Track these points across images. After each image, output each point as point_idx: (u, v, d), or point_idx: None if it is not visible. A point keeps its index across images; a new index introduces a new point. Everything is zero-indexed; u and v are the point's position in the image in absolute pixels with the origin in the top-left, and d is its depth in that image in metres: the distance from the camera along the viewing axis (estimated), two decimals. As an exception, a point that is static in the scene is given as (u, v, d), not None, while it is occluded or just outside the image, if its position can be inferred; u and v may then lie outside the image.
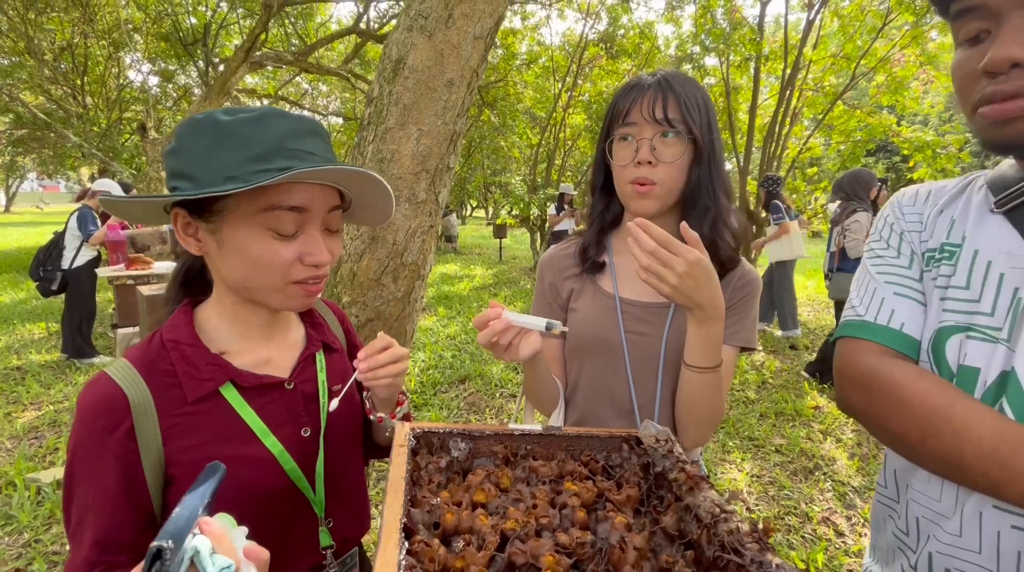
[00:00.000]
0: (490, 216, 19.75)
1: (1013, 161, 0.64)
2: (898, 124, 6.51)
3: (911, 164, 6.08)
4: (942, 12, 0.61)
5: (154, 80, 12.05)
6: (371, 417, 0.82)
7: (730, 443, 3.18)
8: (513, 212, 9.69)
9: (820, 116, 6.56)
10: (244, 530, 0.48)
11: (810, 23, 5.90)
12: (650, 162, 0.83)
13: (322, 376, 0.77)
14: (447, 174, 1.15)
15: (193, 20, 9.50)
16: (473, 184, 13.81)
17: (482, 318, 0.74)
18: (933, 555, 0.64)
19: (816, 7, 5.81)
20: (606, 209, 0.97)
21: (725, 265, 0.88)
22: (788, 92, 6.04)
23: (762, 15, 6.14)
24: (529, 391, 0.94)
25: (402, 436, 0.67)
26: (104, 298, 6.02)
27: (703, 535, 0.55)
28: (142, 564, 0.40)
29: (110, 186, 4.43)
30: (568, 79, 9.43)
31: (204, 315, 0.71)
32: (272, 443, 0.68)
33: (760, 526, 0.53)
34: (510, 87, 10.39)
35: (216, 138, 0.60)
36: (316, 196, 0.64)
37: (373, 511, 2.40)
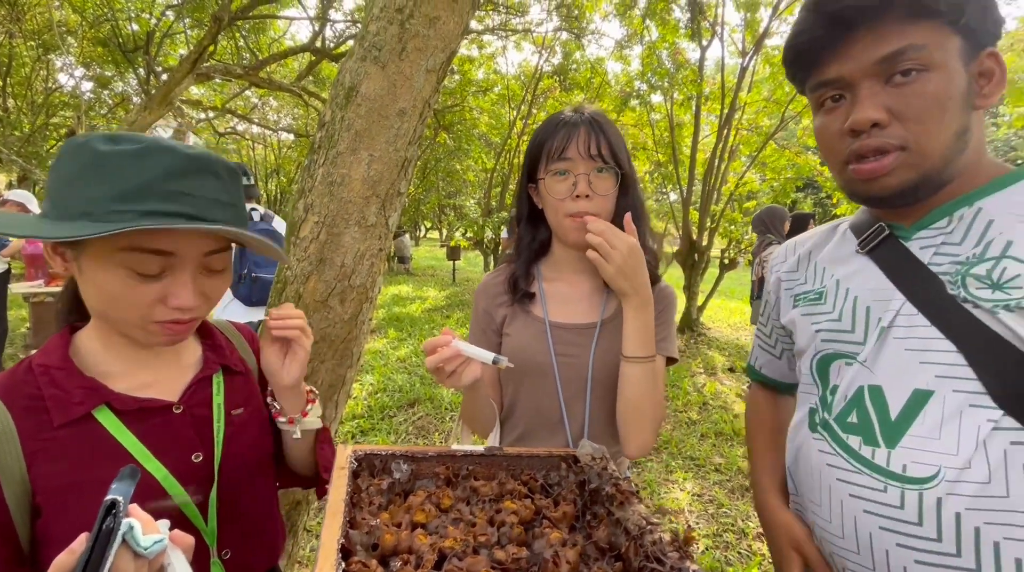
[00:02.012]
0: (444, 238, 19.73)
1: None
2: (822, 164, 7.12)
3: (834, 201, 6.66)
4: (799, 88, 0.74)
5: (88, 85, 11.38)
6: (279, 421, 0.80)
7: (673, 463, 3.28)
8: (467, 234, 9.74)
9: (754, 154, 7.07)
10: (166, 522, 0.50)
11: (744, 69, 6.40)
12: (588, 195, 0.89)
13: (218, 399, 0.75)
14: (398, 199, 1.18)
15: (135, 27, 9.09)
16: (428, 205, 13.80)
17: (433, 343, 0.77)
18: (820, 543, 0.74)
19: (749, 55, 6.32)
20: (532, 240, 1.02)
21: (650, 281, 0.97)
22: (726, 131, 6.49)
23: (702, 59, 6.60)
24: (467, 415, 0.97)
25: (343, 458, 0.68)
26: (17, 316, 5.51)
27: (631, 547, 0.59)
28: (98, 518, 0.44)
29: (25, 198, 4.09)
30: (523, 107, 9.70)
31: (82, 338, 0.69)
32: (155, 467, 0.65)
33: (681, 536, 0.57)
34: (466, 112, 10.56)
35: (87, 167, 0.58)
36: (188, 242, 0.62)
37: (314, 541, 2.29)
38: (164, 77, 8.10)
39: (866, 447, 0.67)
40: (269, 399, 0.81)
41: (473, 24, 8.62)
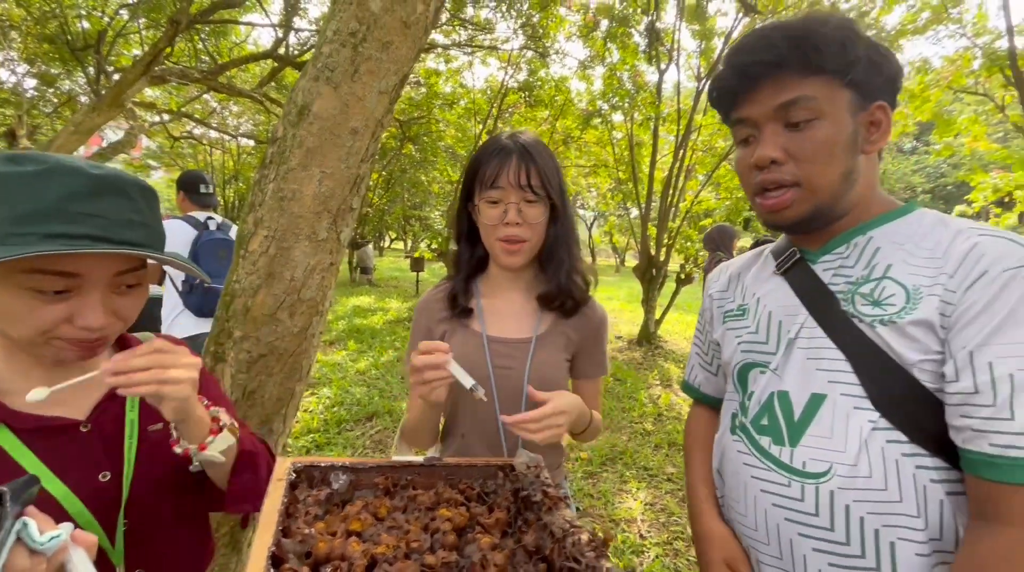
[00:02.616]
0: (408, 249, 19.56)
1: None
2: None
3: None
4: (725, 120, 0.83)
5: (32, 83, 10.78)
6: (176, 449, 0.71)
7: (627, 473, 3.35)
8: (432, 246, 9.72)
9: (709, 173, 7.40)
10: (69, 526, 0.50)
11: (699, 92, 6.72)
12: (518, 223, 0.94)
13: (131, 415, 0.73)
14: (350, 214, 1.20)
15: (86, 24, 8.70)
16: (392, 216, 13.67)
17: (431, 345, 0.79)
18: (740, 537, 0.81)
19: (704, 79, 6.64)
20: (471, 256, 1.07)
21: (579, 302, 1.03)
22: (682, 151, 6.77)
23: (660, 82, 6.88)
24: (412, 428, 1.00)
25: (282, 470, 0.69)
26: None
27: (555, 549, 0.63)
28: None
29: None
30: (489, 122, 9.82)
31: None
32: (55, 487, 0.64)
33: (601, 536, 0.62)
34: (432, 124, 10.58)
35: None
36: (95, 262, 0.61)
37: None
38: (116, 77, 7.78)
39: (775, 446, 0.75)
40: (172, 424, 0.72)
41: (440, 39, 8.70)
